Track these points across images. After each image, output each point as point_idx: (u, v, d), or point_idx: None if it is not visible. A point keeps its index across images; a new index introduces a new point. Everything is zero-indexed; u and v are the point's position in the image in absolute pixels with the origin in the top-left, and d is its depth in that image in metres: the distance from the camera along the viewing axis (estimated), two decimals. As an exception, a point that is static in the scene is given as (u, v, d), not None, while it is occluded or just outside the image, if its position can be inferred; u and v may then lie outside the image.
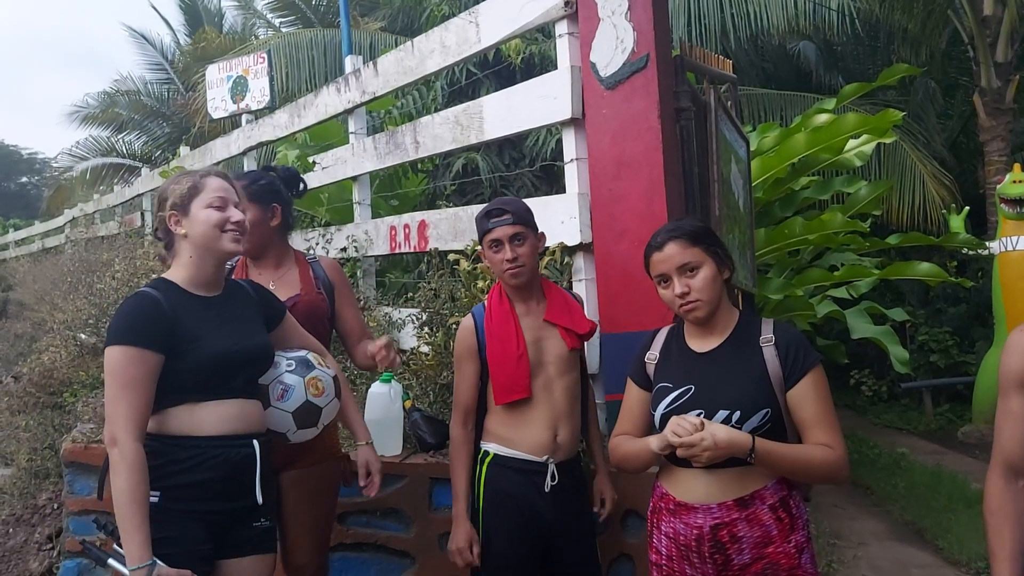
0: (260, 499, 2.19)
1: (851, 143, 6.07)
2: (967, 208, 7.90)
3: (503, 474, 2.55)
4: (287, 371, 2.34)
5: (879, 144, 6.56)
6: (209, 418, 2.13)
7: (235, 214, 2.23)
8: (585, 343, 2.79)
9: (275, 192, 2.82)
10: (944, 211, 8.40)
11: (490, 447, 2.60)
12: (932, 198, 8.81)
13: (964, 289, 8.38)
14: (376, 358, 2.66)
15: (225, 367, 2.17)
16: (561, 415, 2.59)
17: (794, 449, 2.05)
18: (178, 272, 2.24)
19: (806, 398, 2.07)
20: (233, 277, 2.75)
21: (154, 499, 2.04)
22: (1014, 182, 7.15)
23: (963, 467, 6.62)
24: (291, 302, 2.71)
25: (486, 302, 2.69)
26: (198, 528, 2.10)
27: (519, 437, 2.54)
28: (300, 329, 2.53)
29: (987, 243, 7.33)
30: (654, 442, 2.09)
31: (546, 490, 2.53)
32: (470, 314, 2.70)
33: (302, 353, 2.42)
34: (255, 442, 2.19)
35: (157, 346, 2.07)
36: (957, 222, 7.59)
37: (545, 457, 2.54)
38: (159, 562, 1.95)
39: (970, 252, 7.58)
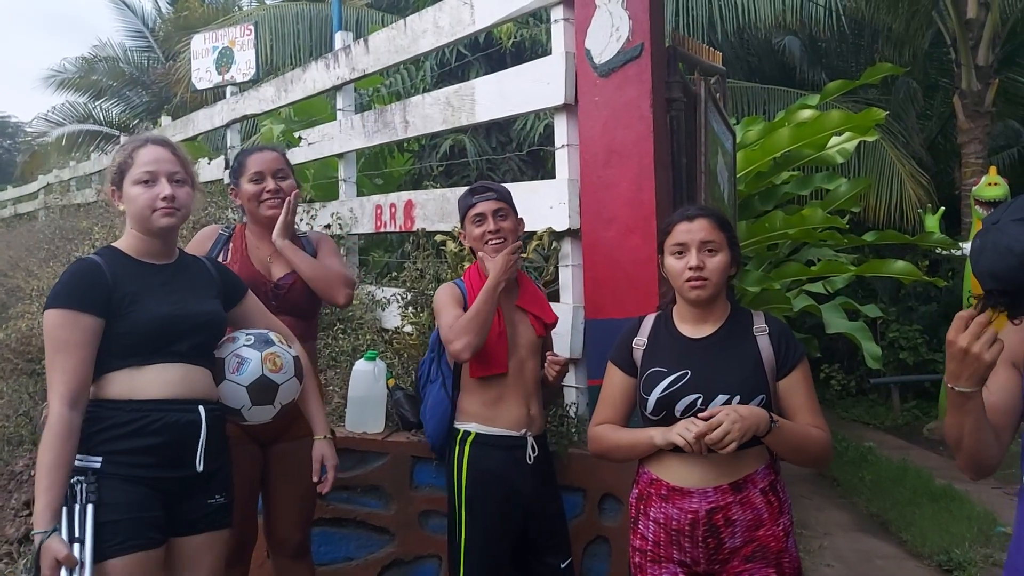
0: (200, 467, 2.13)
1: (834, 140, 6.12)
2: (942, 208, 8.00)
3: (486, 452, 2.60)
4: (245, 345, 2.30)
5: (860, 142, 6.63)
6: (151, 381, 2.08)
7: (164, 189, 2.14)
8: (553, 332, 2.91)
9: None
10: (920, 210, 8.52)
11: (470, 427, 2.63)
12: (909, 197, 8.92)
13: (935, 288, 8.51)
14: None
15: (167, 331, 2.12)
16: (532, 393, 2.69)
17: (799, 427, 2.13)
18: (126, 240, 2.22)
19: (797, 387, 2.17)
20: (230, 246, 2.77)
21: (96, 464, 2.01)
22: (989, 184, 7.25)
23: (928, 462, 6.75)
24: (291, 278, 2.73)
25: (464, 279, 2.74)
26: (145, 495, 2.05)
27: (497, 414, 2.61)
28: (265, 311, 2.50)
29: (960, 243, 7.44)
30: (658, 436, 2.10)
31: (528, 462, 2.61)
32: (452, 283, 2.77)
33: (263, 331, 2.39)
34: (201, 408, 2.14)
35: (93, 309, 2.04)
36: (932, 222, 7.69)
37: (523, 431, 2.62)
38: (56, 533, 1.88)
39: (943, 252, 7.69)
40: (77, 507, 1.94)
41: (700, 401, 2.10)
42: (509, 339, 2.65)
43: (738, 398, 2.09)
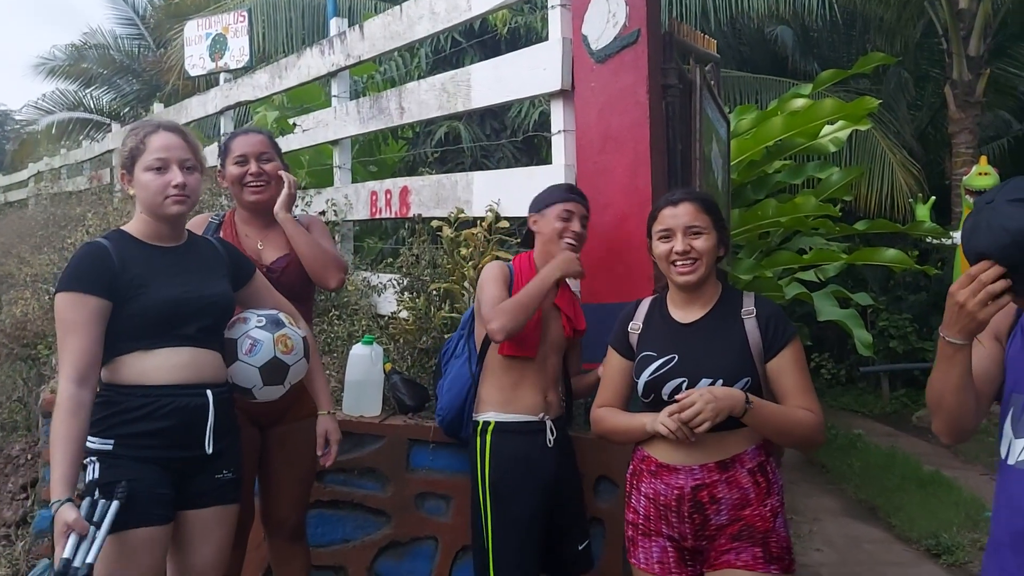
0: (209, 449, 2.19)
1: (826, 129, 6.14)
2: (933, 198, 8.05)
3: (507, 439, 2.62)
4: (257, 326, 2.34)
5: (852, 131, 6.65)
6: (160, 366, 2.14)
7: (176, 176, 2.19)
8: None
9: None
10: (911, 200, 8.57)
11: (488, 416, 2.66)
12: (900, 186, 8.96)
13: (925, 277, 8.57)
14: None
15: (175, 313, 2.17)
16: (550, 384, 2.73)
17: (780, 408, 2.15)
18: (134, 224, 2.26)
19: (786, 368, 2.18)
20: (220, 233, 2.78)
21: (108, 447, 2.09)
22: (980, 174, 7.29)
23: (916, 449, 6.84)
24: (283, 262, 2.75)
25: (514, 263, 2.80)
26: (155, 473, 2.11)
27: (515, 399, 2.65)
28: (272, 290, 2.54)
29: (951, 233, 7.49)
30: (648, 423, 2.14)
31: (549, 445, 2.63)
32: (502, 262, 2.83)
33: (273, 312, 2.43)
34: (208, 392, 2.19)
35: (99, 291, 2.09)
36: (923, 211, 7.74)
37: (540, 415, 2.66)
38: (71, 503, 1.93)
39: (933, 241, 7.75)
40: (101, 500, 2.00)
41: (685, 385, 2.14)
42: (543, 329, 2.70)
43: (721, 381, 2.12)
